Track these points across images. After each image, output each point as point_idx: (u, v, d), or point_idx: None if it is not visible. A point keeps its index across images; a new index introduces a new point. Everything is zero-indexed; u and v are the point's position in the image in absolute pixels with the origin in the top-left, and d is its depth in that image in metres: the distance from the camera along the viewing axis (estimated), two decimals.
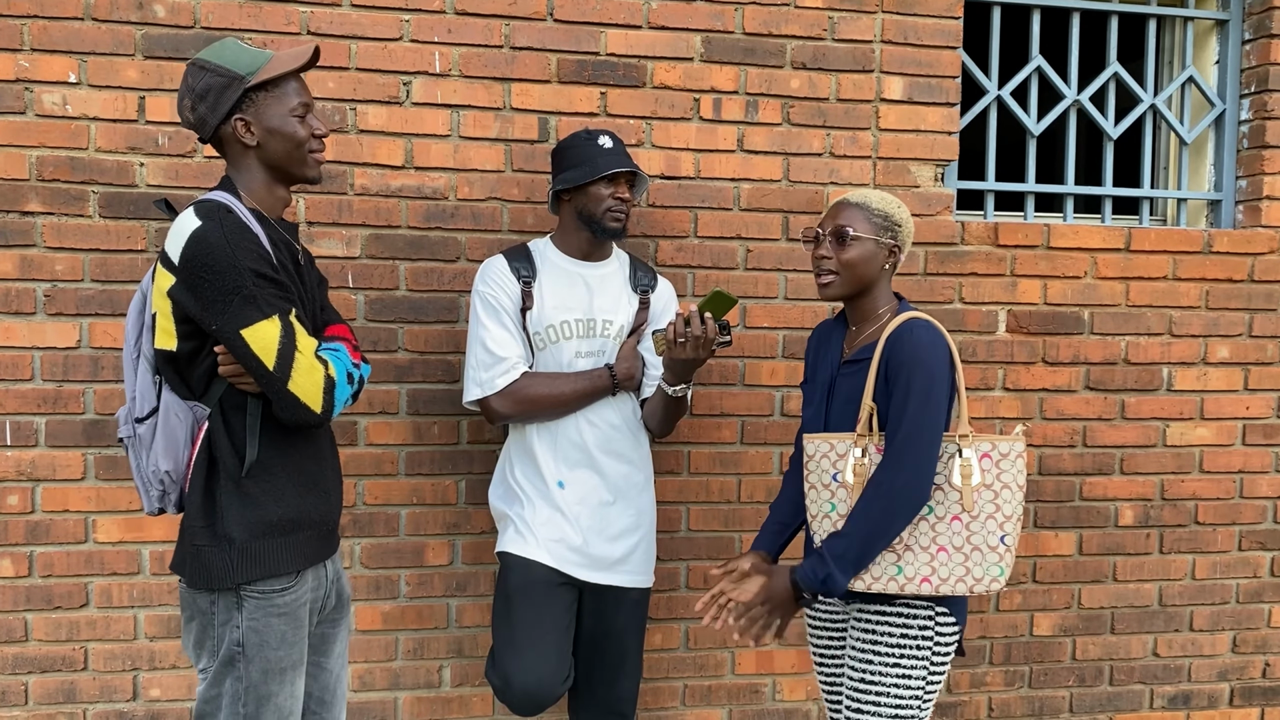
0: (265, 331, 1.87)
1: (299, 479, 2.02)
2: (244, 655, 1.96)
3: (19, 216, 2.75)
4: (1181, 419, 3.34)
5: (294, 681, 2.02)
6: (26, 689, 2.86)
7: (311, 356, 1.93)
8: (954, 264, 3.18)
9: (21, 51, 2.71)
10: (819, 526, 2.16)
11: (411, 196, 2.91)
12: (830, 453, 2.14)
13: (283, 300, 1.91)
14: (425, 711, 3.04)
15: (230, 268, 1.85)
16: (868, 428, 2.11)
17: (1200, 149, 3.48)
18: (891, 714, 2.14)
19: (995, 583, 2.09)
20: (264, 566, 1.95)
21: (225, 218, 1.89)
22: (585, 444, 2.59)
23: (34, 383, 2.79)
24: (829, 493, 2.14)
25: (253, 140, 1.98)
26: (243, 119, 1.97)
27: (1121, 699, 3.40)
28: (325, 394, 1.94)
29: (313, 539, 2.05)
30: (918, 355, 2.06)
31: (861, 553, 2.06)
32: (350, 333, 2.21)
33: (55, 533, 2.83)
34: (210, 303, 1.86)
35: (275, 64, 1.98)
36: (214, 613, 1.97)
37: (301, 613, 2.03)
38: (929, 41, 3.11)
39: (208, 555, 1.94)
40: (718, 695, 3.18)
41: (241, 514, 1.95)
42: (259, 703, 1.97)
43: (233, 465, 1.95)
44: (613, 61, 2.97)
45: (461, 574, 3.02)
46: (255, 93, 1.97)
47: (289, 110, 1.99)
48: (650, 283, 2.71)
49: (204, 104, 1.96)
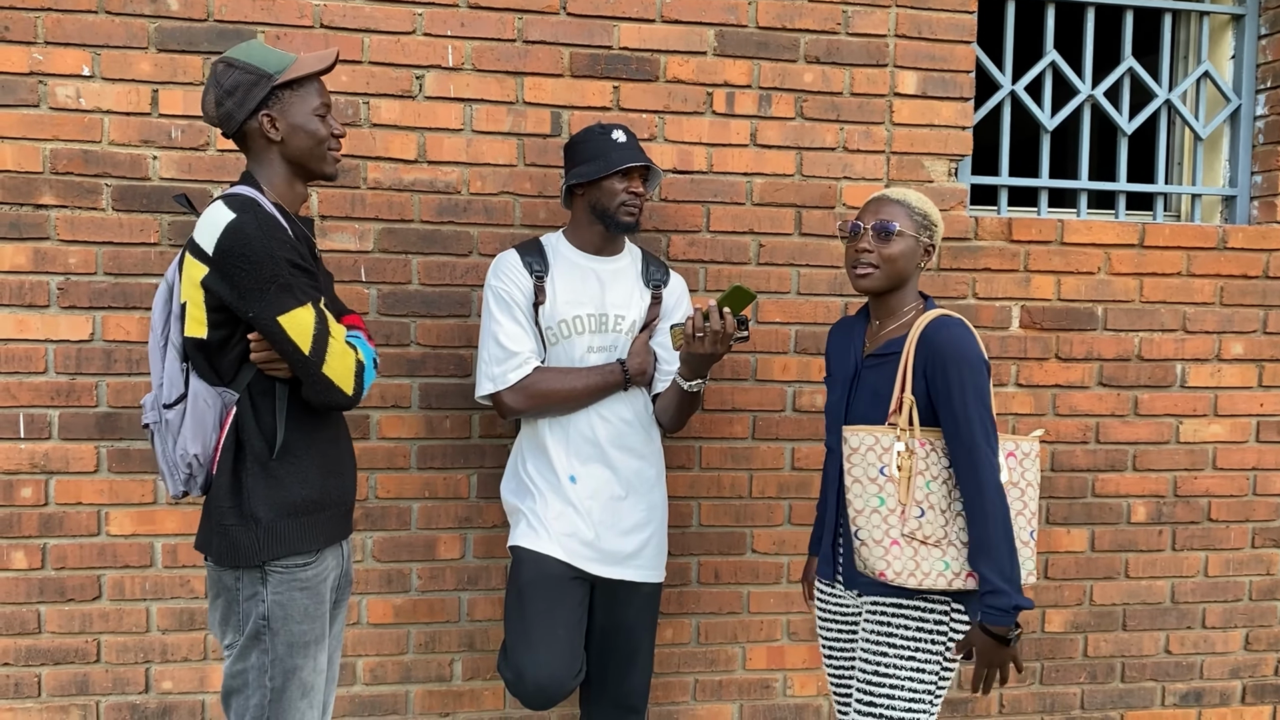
0: (301, 318, 1.96)
1: (321, 462, 2.11)
2: (269, 629, 2.05)
3: (33, 209, 2.75)
4: (1195, 416, 3.33)
5: (317, 656, 2.11)
6: (40, 681, 2.87)
7: (343, 342, 2.03)
8: (967, 259, 3.17)
9: (36, 45, 2.72)
10: (866, 521, 2.13)
11: (424, 190, 2.91)
12: (875, 446, 2.13)
13: (314, 289, 2.01)
14: (437, 705, 3.05)
15: (268, 258, 1.94)
16: (908, 422, 2.12)
17: (1215, 144, 3.46)
18: (905, 707, 2.15)
19: (1030, 576, 2.14)
20: (288, 545, 2.04)
21: (259, 211, 1.98)
22: (597, 439, 2.58)
23: (47, 376, 2.79)
24: (876, 487, 2.13)
25: (277, 136, 2.07)
26: (269, 115, 2.06)
27: (1133, 696, 3.39)
28: (356, 377, 2.05)
29: (333, 519, 2.14)
30: (964, 354, 2.07)
31: (1011, 560, 2.03)
32: (363, 323, 2.31)
33: (68, 525, 2.84)
34: (247, 291, 1.94)
35: (301, 65, 2.08)
36: (239, 588, 2.06)
37: (322, 588, 2.12)
38: (943, 36, 3.09)
39: (235, 534, 2.03)
40: (729, 690, 3.18)
41: (267, 495, 2.03)
42: (285, 676, 2.06)
43: (259, 448, 2.03)
44: (626, 55, 2.96)
45: (473, 568, 3.02)
46: (281, 90, 2.06)
47: (312, 109, 2.09)
48: (662, 278, 2.70)
49: (231, 99, 2.05)
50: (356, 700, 3.00)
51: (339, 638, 2.33)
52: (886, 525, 2.11)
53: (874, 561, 2.11)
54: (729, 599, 3.15)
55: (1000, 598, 2.01)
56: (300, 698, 2.09)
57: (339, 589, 2.28)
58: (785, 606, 3.18)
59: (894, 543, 2.10)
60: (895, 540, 2.10)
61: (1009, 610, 2.01)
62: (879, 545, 2.11)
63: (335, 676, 2.33)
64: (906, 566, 2.10)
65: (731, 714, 3.19)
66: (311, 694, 2.12)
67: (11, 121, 2.72)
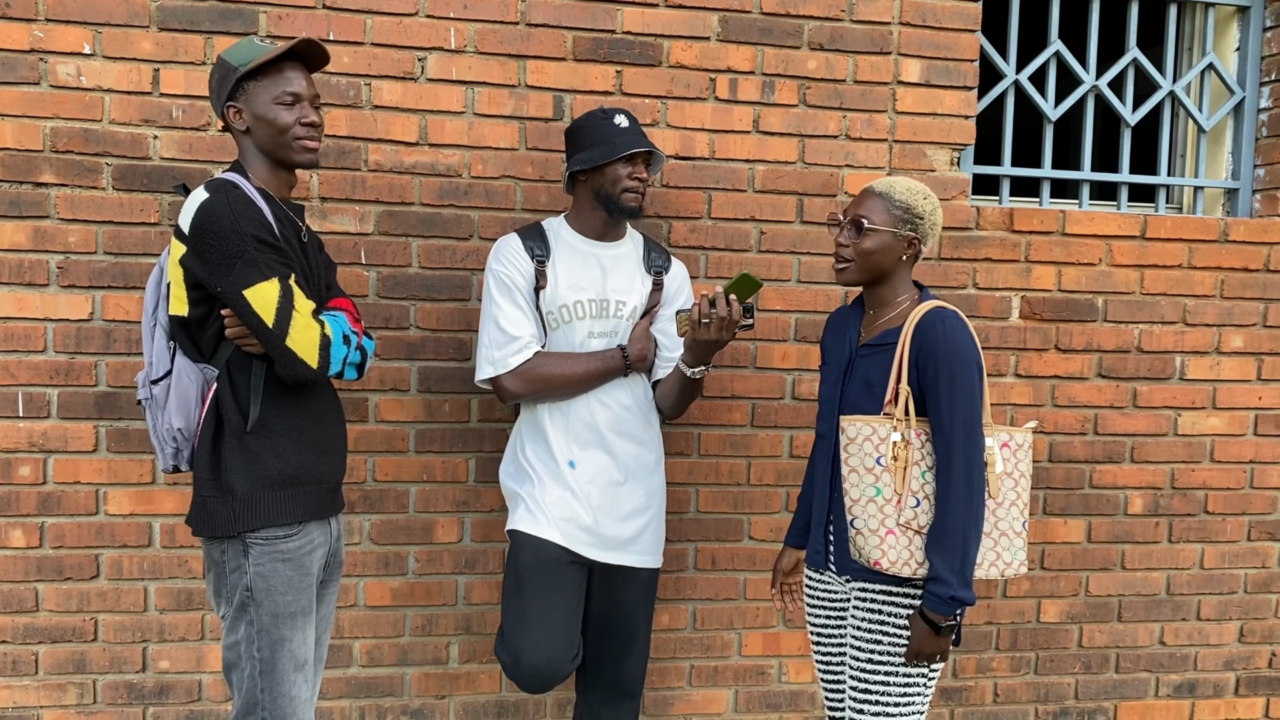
0: (265, 292, 2.02)
1: (298, 437, 2.17)
2: (254, 600, 2.12)
3: (33, 188, 2.75)
4: (1193, 408, 3.33)
5: (304, 629, 2.16)
6: (37, 659, 2.87)
7: (308, 316, 2.07)
8: (968, 249, 3.16)
9: (36, 22, 2.70)
10: (862, 510, 2.14)
11: (425, 173, 2.90)
12: (873, 436, 2.14)
13: (282, 265, 2.06)
14: (433, 687, 3.05)
15: (234, 233, 2.01)
16: (904, 412, 2.13)
17: (1219, 136, 3.46)
18: (900, 693, 2.17)
19: (1022, 566, 2.18)
20: (263, 517, 2.11)
21: (231, 191, 2.06)
22: (596, 424, 2.58)
23: (46, 354, 2.79)
24: (873, 476, 2.14)
25: (243, 125, 2.16)
26: (234, 105, 2.15)
27: (1127, 687, 3.41)
28: (321, 351, 2.09)
29: (313, 494, 2.19)
30: (955, 346, 2.08)
31: (964, 556, 2.06)
32: (352, 306, 2.35)
33: (66, 504, 2.84)
34: (216, 266, 2.02)
35: (263, 55, 2.14)
36: (225, 561, 2.14)
37: (307, 560, 2.17)
38: (947, 24, 3.08)
39: (212, 505, 2.12)
40: (724, 676, 3.19)
41: (244, 468, 2.10)
42: (273, 647, 2.12)
43: (237, 423, 2.10)
44: (629, 40, 2.95)
45: (470, 551, 3.03)
46: (246, 82, 2.14)
47: (273, 99, 2.14)
48: (664, 264, 2.70)
49: (213, 94, 2.18)
50: (353, 682, 3.01)
51: (327, 619, 2.36)
52: (882, 515, 2.12)
53: (869, 550, 2.12)
54: (726, 585, 3.16)
55: (942, 586, 2.06)
56: (293, 670, 2.14)
57: (327, 569, 2.31)
58: None
59: (889, 532, 2.11)
60: (891, 530, 2.11)
61: (947, 600, 2.06)
62: (874, 534, 2.12)
63: (323, 657, 2.36)
64: (901, 555, 2.11)
65: (727, 700, 3.20)
66: (305, 668, 2.17)
67: (12, 99, 2.71)
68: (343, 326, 2.19)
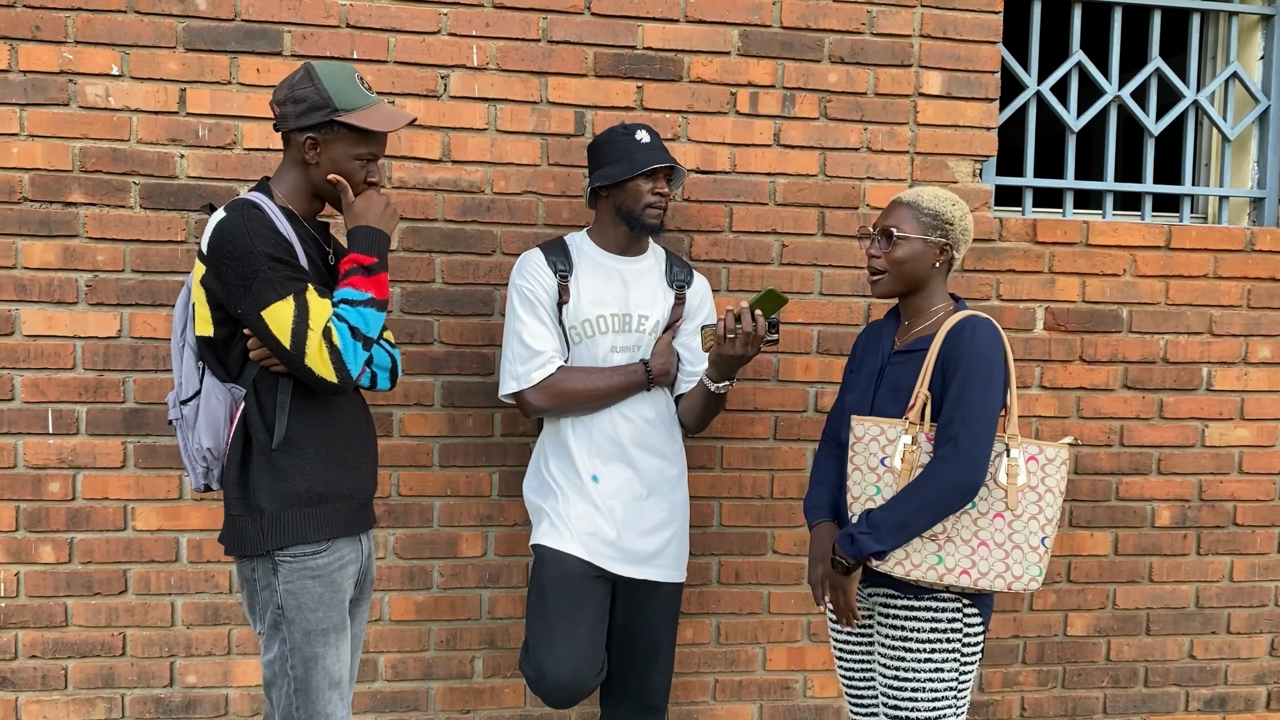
0: (280, 312, 2.01)
1: (326, 455, 2.16)
2: (285, 618, 2.11)
3: (62, 207, 2.78)
4: (1221, 419, 3.30)
5: (338, 645, 2.15)
6: (66, 673, 2.90)
7: (319, 335, 2.03)
8: (992, 260, 3.15)
9: (66, 44, 2.74)
10: (860, 508, 2.17)
11: (448, 190, 2.92)
12: (880, 436, 2.15)
13: (296, 280, 2.04)
14: (458, 702, 3.06)
15: (249, 253, 2.00)
16: (920, 416, 2.13)
17: (1243, 146, 3.43)
18: (929, 708, 2.17)
19: (1034, 582, 2.13)
20: (291, 535, 2.10)
21: (249, 211, 2.04)
22: (619, 438, 2.59)
23: (75, 371, 2.82)
24: (875, 476, 2.15)
25: (313, 160, 2.13)
26: (313, 139, 2.10)
27: (1156, 701, 3.37)
28: (336, 368, 2.05)
29: (341, 511, 2.18)
30: (977, 350, 2.09)
31: (899, 524, 2.08)
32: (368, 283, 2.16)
33: (95, 520, 2.87)
34: (233, 287, 2.02)
35: (368, 117, 2.10)
36: (256, 579, 2.14)
37: (338, 577, 2.16)
38: (968, 36, 3.08)
39: (241, 524, 2.11)
40: (749, 690, 3.18)
41: (272, 486, 2.09)
42: (306, 665, 2.11)
43: (265, 441, 2.10)
44: (650, 55, 2.96)
45: (494, 565, 3.03)
46: (337, 125, 2.10)
47: (355, 155, 2.13)
48: (686, 278, 2.70)
49: (293, 106, 2.10)
50: (378, 696, 3.02)
51: (360, 636, 2.35)
52: None
53: None
54: (749, 599, 3.15)
55: (860, 534, 2.11)
56: (328, 687, 2.13)
57: (360, 585, 2.30)
58: (806, 608, 3.17)
59: None
60: None
61: (849, 539, 2.12)
62: None
63: (354, 674, 2.35)
64: (895, 555, 2.12)
65: (751, 714, 3.19)
66: (340, 685, 2.16)
67: (42, 120, 2.75)
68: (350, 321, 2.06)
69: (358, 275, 2.12)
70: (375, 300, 2.12)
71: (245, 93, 2.81)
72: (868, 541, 2.09)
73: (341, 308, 2.08)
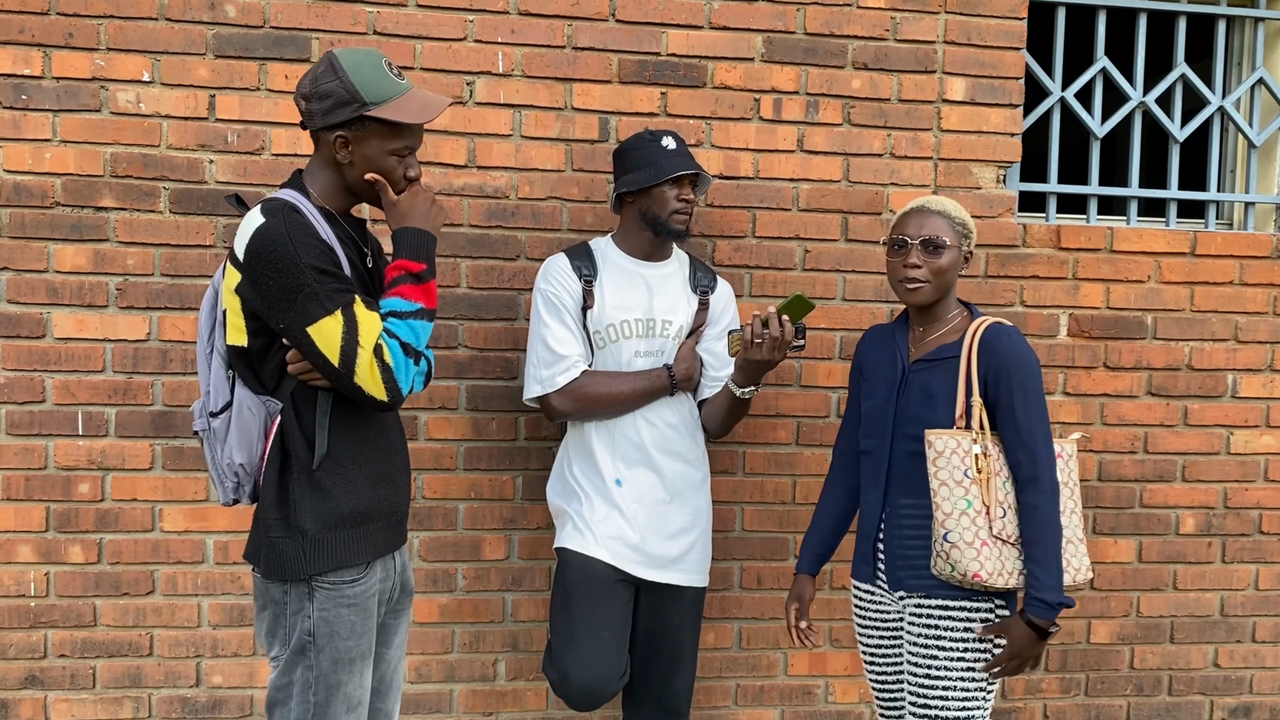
0: (328, 329, 1.87)
1: (370, 471, 2.04)
2: (315, 645, 1.99)
3: (93, 212, 2.82)
4: (1246, 426, 3.29)
5: (362, 671, 2.05)
6: (94, 673, 2.93)
7: (370, 353, 1.90)
8: (1015, 267, 3.15)
9: (98, 51, 2.78)
10: (955, 524, 2.15)
11: (473, 195, 2.94)
12: (958, 449, 2.17)
13: (343, 292, 1.90)
14: (480, 704, 3.07)
15: (292, 265, 1.86)
16: (980, 426, 2.17)
17: (1270, 152, 3.42)
18: (959, 707, 2.19)
19: (1090, 571, 2.27)
20: (335, 558, 1.98)
21: (289, 216, 1.90)
22: (643, 443, 2.60)
23: (105, 374, 2.85)
24: (963, 489, 2.16)
25: (345, 159, 1.99)
26: (344, 136, 1.96)
27: (1180, 710, 3.35)
28: (388, 387, 1.92)
29: (382, 530, 2.08)
30: (1025, 360, 2.16)
31: (1058, 561, 2.14)
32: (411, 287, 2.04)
33: (124, 521, 2.90)
34: (275, 301, 1.89)
35: (399, 109, 1.95)
36: (286, 602, 2.00)
37: (370, 603, 2.05)
38: (992, 42, 3.08)
39: (282, 547, 1.97)
40: (770, 696, 3.18)
41: (314, 506, 1.97)
42: (329, 692, 2.00)
43: (305, 458, 1.97)
44: (674, 62, 2.98)
45: (518, 569, 3.05)
46: (368, 120, 1.94)
47: (391, 150, 1.98)
48: (710, 284, 2.71)
49: (319, 102, 1.94)
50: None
51: (401, 649, 2.26)
52: (976, 527, 2.14)
53: (966, 564, 2.13)
54: (771, 604, 3.15)
55: (1049, 593, 2.11)
56: (345, 712, 2.03)
57: (397, 599, 2.21)
58: (827, 613, 3.18)
59: (984, 544, 2.14)
60: (985, 541, 2.14)
61: (1054, 605, 2.11)
62: (970, 547, 2.13)
63: (400, 686, 2.28)
64: (996, 567, 2.14)
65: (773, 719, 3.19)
66: (358, 709, 2.06)
67: (74, 126, 2.79)
68: (401, 336, 1.95)
69: (406, 284, 1.98)
70: (425, 310, 1.99)
71: (274, 99, 2.84)
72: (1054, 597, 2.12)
73: (391, 321, 1.95)
